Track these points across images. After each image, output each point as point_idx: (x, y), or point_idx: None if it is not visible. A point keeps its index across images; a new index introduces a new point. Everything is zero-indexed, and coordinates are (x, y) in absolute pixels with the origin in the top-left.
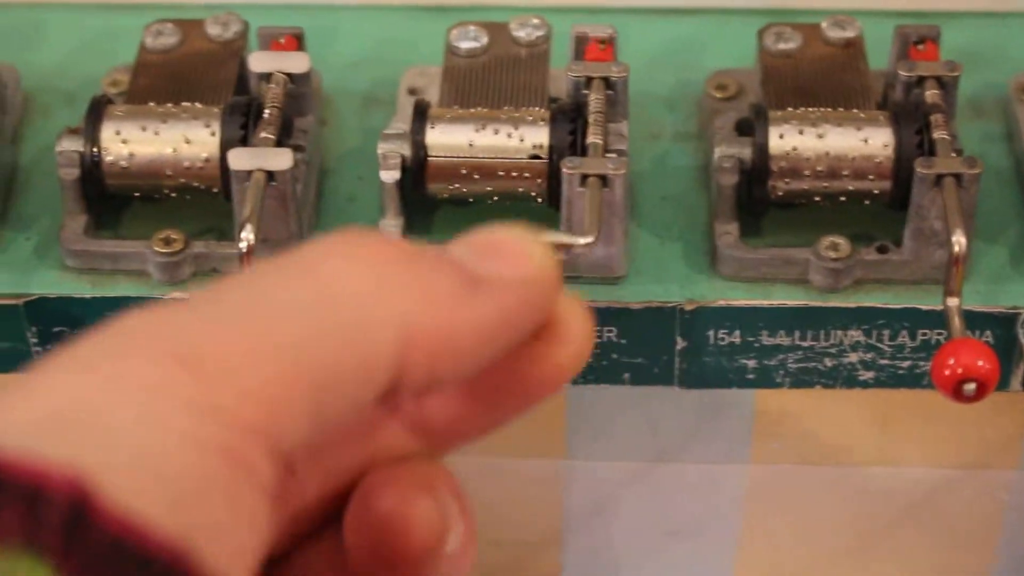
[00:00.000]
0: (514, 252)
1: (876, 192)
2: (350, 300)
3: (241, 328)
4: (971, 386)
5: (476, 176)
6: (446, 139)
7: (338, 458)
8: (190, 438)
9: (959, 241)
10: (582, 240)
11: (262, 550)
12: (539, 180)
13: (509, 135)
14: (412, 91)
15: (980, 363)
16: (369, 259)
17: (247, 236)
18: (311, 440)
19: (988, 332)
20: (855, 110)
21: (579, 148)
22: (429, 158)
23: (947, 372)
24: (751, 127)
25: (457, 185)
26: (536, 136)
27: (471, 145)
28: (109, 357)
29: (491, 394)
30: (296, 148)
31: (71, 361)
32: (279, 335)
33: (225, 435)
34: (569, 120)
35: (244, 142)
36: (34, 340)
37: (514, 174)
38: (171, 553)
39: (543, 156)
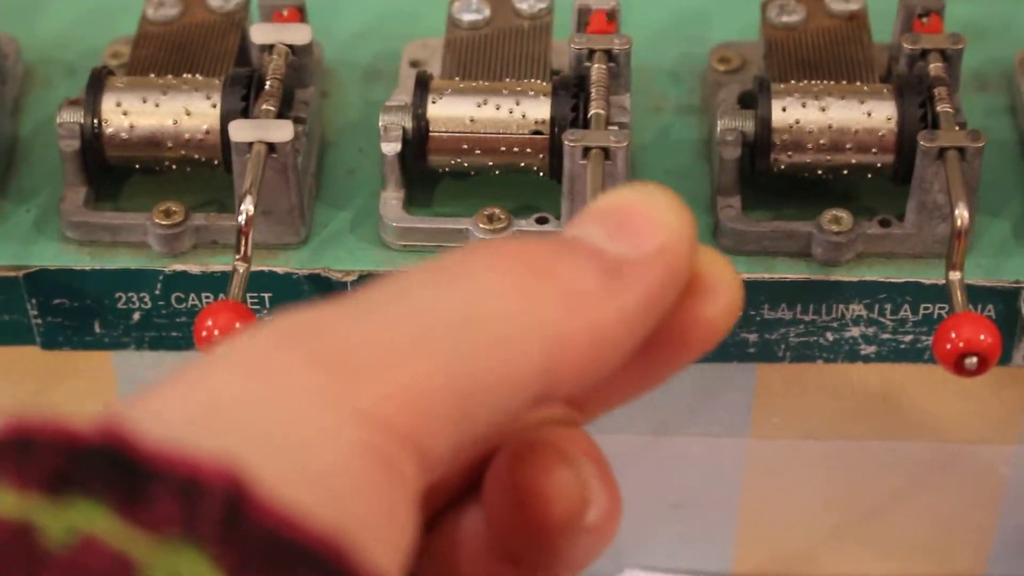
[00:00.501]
0: (647, 219)
1: (879, 165)
2: (495, 313)
3: (390, 335)
4: (973, 360)
5: (478, 149)
6: (448, 112)
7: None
8: (341, 437)
9: (962, 215)
10: None
11: (410, 551)
12: (541, 153)
13: (511, 108)
14: (414, 63)
15: (982, 337)
16: (512, 269)
17: (246, 208)
18: (457, 450)
19: (990, 306)
20: (858, 83)
21: (581, 121)
22: (431, 131)
23: (949, 346)
24: (754, 100)
25: (459, 158)
26: (538, 109)
27: (473, 118)
28: (261, 355)
29: (641, 359)
30: (297, 120)
31: (224, 358)
32: (426, 345)
33: (374, 436)
34: (571, 93)
35: (245, 114)
36: (34, 312)
37: (516, 147)
38: (329, 545)
39: (545, 131)
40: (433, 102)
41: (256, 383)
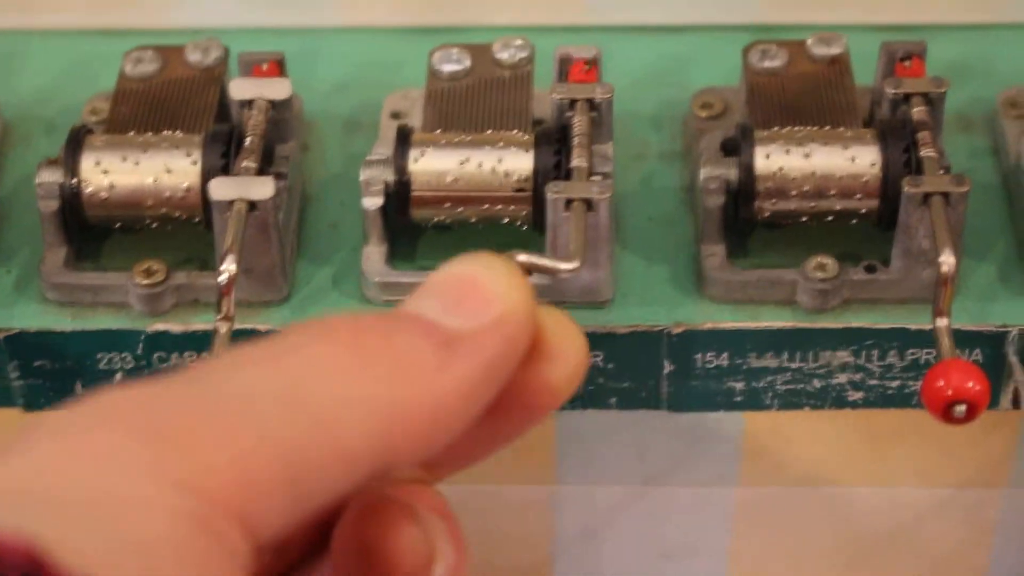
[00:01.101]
0: (483, 291)
1: (864, 211)
2: (326, 389)
3: (216, 409)
4: (961, 408)
5: (460, 203)
6: (429, 166)
7: None
8: (162, 507)
9: (947, 261)
10: (567, 266)
11: None
12: (524, 205)
13: (493, 161)
14: (395, 115)
15: (970, 384)
16: (345, 345)
17: (228, 267)
18: (290, 521)
19: (977, 350)
20: (842, 128)
21: (564, 171)
22: (412, 185)
23: (937, 394)
24: (737, 147)
25: (441, 212)
26: (521, 162)
27: (455, 173)
28: (80, 428)
29: (486, 422)
30: (278, 175)
31: (43, 431)
32: (253, 419)
33: (198, 506)
34: (553, 143)
35: (226, 170)
36: (15, 374)
37: (499, 201)
38: None
39: (527, 188)
40: (415, 158)
41: (75, 454)
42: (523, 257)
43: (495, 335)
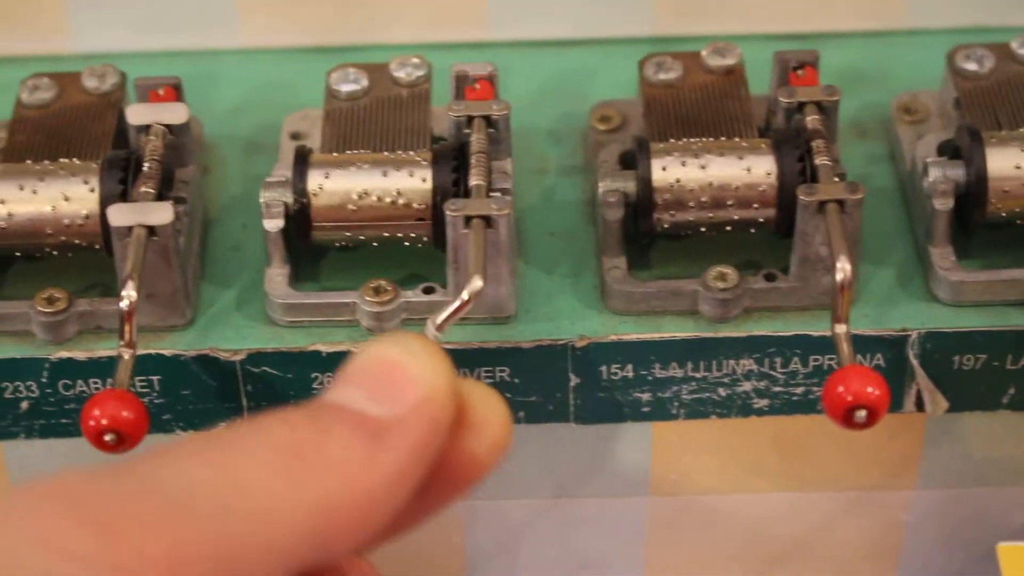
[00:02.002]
0: (403, 374)
1: (761, 220)
2: (259, 487)
3: (155, 501)
4: (862, 413)
5: (359, 221)
6: (328, 185)
7: None
8: None
9: (843, 268)
10: (469, 292)
11: None
12: (424, 223)
13: (392, 180)
14: (295, 136)
15: (869, 390)
16: (277, 444)
17: (128, 293)
18: None
19: (879, 355)
20: (737, 139)
21: (463, 189)
22: (312, 206)
23: (837, 400)
24: (634, 160)
25: (341, 231)
26: (419, 180)
27: (354, 192)
28: (15, 516)
29: (413, 497)
30: (178, 200)
31: None
32: (191, 513)
33: None
34: (451, 161)
35: (124, 197)
36: None
37: (399, 220)
38: None
39: (426, 208)
40: (314, 179)
41: (13, 536)
42: (432, 322)
43: (419, 418)
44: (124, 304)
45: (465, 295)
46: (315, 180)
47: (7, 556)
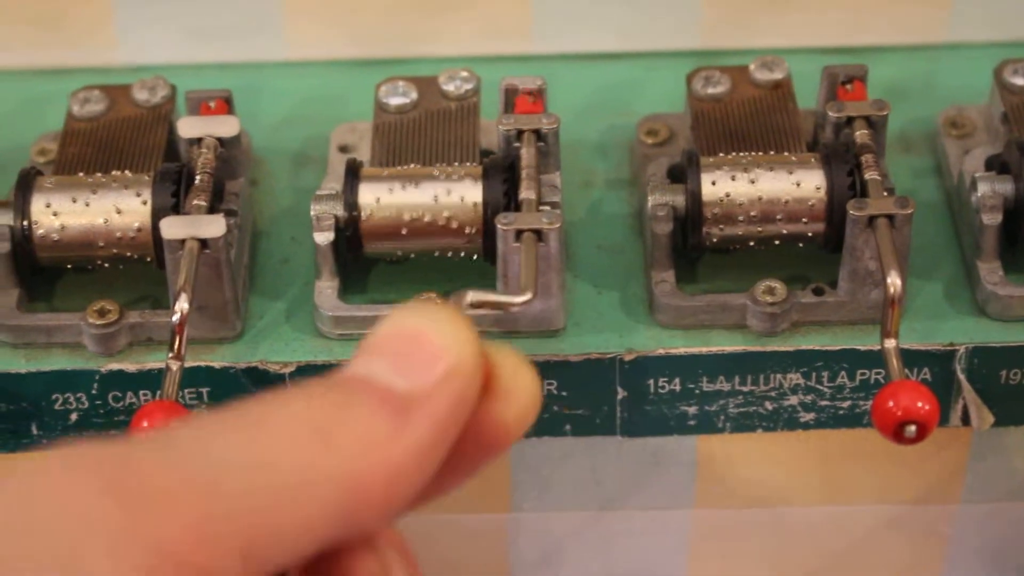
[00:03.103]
0: (428, 346)
1: (810, 235)
2: (287, 462)
3: (184, 475)
4: (912, 428)
5: (410, 235)
6: (379, 199)
7: None
8: (128, 564)
9: (894, 283)
10: (519, 299)
11: None
12: (475, 236)
13: (443, 194)
14: (343, 148)
15: (920, 404)
16: (304, 419)
17: (181, 306)
18: None
19: (926, 369)
20: (786, 153)
21: (513, 202)
22: (363, 220)
23: (887, 415)
24: (683, 174)
25: (392, 244)
26: (470, 194)
27: (404, 206)
28: (42, 483)
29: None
30: (228, 213)
31: (16, 482)
32: (219, 488)
33: (162, 565)
34: (502, 175)
35: (176, 209)
36: None
37: (449, 231)
38: None
39: (477, 221)
40: (364, 193)
41: (48, 505)
42: (473, 295)
43: (445, 392)
44: (176, 316)
45: (512, 299)
46: (366, 194)
47: (33, 524)
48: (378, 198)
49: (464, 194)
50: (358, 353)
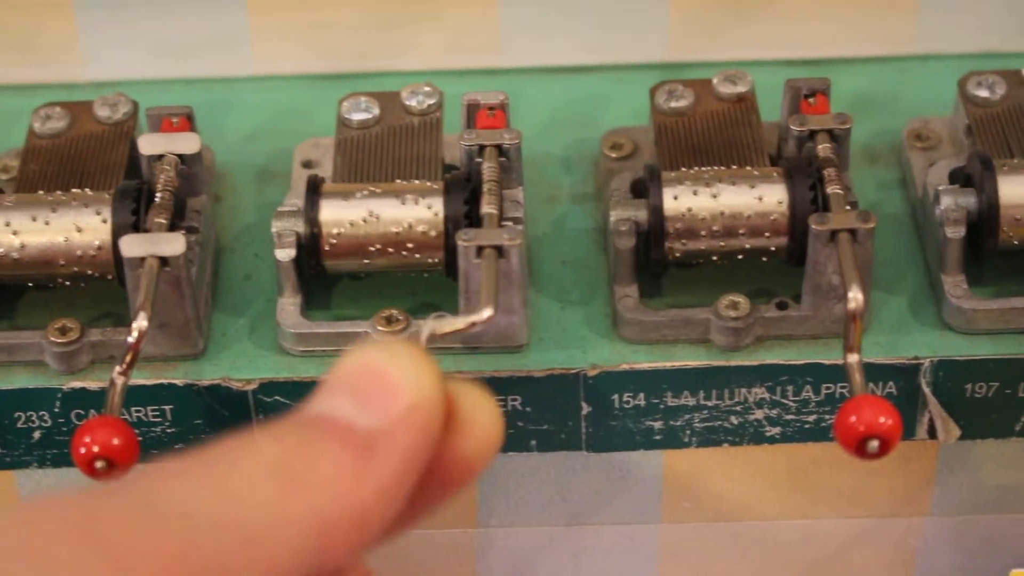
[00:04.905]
0: (390, 382)
1: (773, 249)
2: (255, 508)
3: (147, 518)
4: (874, 443)
5: (372, 251)
6: (340, 215)
7: None
8: None
9: (855, 297)
10: (479, 317)
11: None
12: (436, 252)
13: (404, 210)
14: (307, 164)
15: (882, 420)
16: (270, 464)
17: (139, 324)
18: None
19: (891, 383)
20: (748, 167)
21: (476, 218)
22: (324, 236)
23: (850, 430)
24: (646, 189)
25: (353, 261)
26: (431, 210)
27: (366, 221)
28: (14, 536)
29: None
30: (189, 230)
31: None
32: (188, 535)
33: None
34: (463, 191)
35: (136, 227)
36: None
37: (410, 247)
38: None
39: (438, 237)
40: (325, 207)
41: (12, 558)
42: (432, 325)
43: (408, 428)
44: (134, 336)
45: (473, 318)
46: (327, 210)
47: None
48: (338, 214)
49: (426, 210)
50: (320, 390)
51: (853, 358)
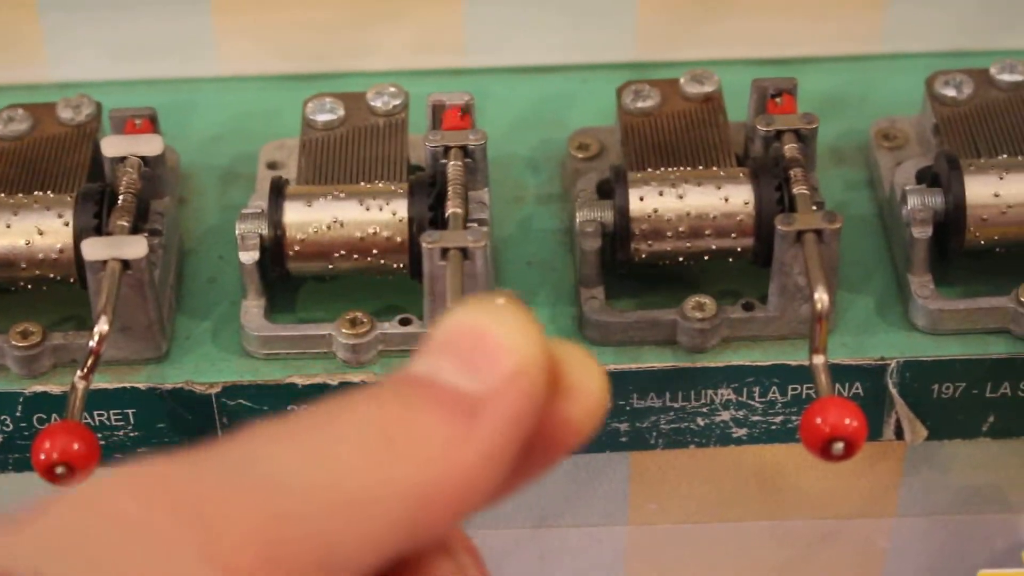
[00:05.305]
0: (495, 343)
1: (739, 249)
2: (352, 474)
3: (250, 491)
4: (839, 445)
5: (336, 254)
6: (304, 217)
7: None
8: None
9: (821, 299)
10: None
11: None
12: (401, 255)
13: (368, 212)
14: (271, 165)
15: (847, 421)
16: (368, 427)
17: (100, 328)
18: None
19: (858, 384)
20: (715, 168)
21: (441, 219)
22: (287, 238)
23: (815, 432)
24: (612, 189)
25: (317, 263)
26: (395, 211)
27: (329, 223)
28: (118, 503)
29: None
30: (152, 232)
31: (83, 500)
32: (285, 504)
33: None
34: (427, 192)
35: (99, 230)
36: None
37: (375, 250)
38: None
39: (402, 239)
40: (289, 209)
41: (118, 528)
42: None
43: (514, 392)
44: (95, 340)
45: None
46: (291, 212)
47: (104, 547)
48: (302, 216)
49: (390, 211)
50: (422, 351)
51: (819, 359)
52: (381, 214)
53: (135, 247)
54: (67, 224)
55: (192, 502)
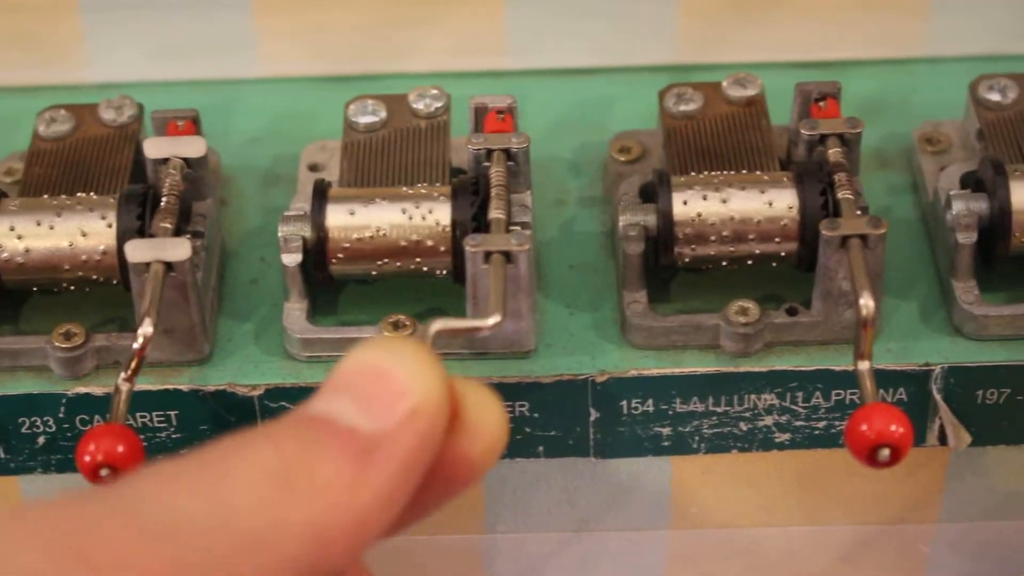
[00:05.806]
0: (393, 383)
1: (783, 254)
2: (249, 514)
3: (142, 534)
4: (885, 452)
5: (379, 256)
6: (347, 221)
7: None
8: None
9: (867, 304)
10: (488, 322)
11: None
12: (444, 258)
13: (411, 215)
14: (312, 167)
15: (893, 428)
16: (265, 465)
17: (144, 331)
18: None
19: (902, 389)
20: (759, 172)
21: (484, 222)
22: (330, 240)
23: (861, 439)
24: (655, 193)
25: (360, 266)
26: (439, 214)
27: (373, 226)
28: (15, 552)
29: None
30: (195, 235)
31: None
32: (178, 545)
33: None
34: (470, 195)
35: (141, 232)
36: None
37: (418, 254)
38: None
39: (445, 242)
40: (331, 212)
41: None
42: (441, 324)
43: (410, 432)
44: (139, 342)
45: (478, 323)
46: (333, 215)
47: None
48: (345, 219)
49: (433, 215)
50: (321, 390)
51: (864, 365)
52: (424, 217)
53: (179, 249)
54: (110, 226)
55: (81, 544)
